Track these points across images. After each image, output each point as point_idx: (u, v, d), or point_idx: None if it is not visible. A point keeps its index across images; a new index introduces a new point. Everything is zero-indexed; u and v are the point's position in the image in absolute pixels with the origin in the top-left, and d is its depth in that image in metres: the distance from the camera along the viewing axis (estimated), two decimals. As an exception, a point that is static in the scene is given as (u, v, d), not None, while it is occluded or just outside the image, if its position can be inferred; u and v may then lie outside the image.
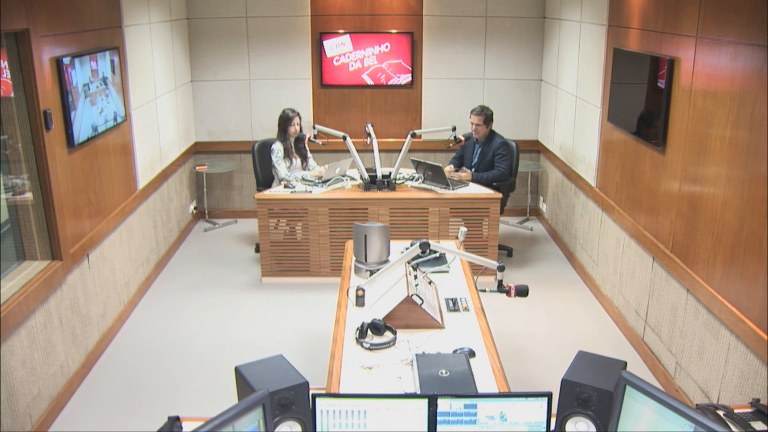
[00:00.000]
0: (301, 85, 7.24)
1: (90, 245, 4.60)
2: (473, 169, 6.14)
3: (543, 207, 7.38)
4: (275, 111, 6.87)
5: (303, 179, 5.96)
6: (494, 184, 5.99)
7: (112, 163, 5.08)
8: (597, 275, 5.60)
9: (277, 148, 6.16)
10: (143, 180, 5.72)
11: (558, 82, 6.70)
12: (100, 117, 4.78)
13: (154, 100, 6.04)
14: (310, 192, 5.71)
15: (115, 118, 5.06)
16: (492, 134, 6.20)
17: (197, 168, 7.09)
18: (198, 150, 7.37)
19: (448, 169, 6.11)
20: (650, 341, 4.56)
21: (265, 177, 6.31)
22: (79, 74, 4.43)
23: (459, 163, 6.37)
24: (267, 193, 5.72)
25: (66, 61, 4.23)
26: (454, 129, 6.05)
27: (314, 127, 6.07)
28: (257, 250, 6.41)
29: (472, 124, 6.13)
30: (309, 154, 6.39)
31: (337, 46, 7.12)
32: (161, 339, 4.94)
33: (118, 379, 4.43)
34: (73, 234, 4.36)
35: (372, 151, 5.98)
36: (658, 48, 4.42)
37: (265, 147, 6.32)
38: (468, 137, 6.21)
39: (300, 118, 6.20)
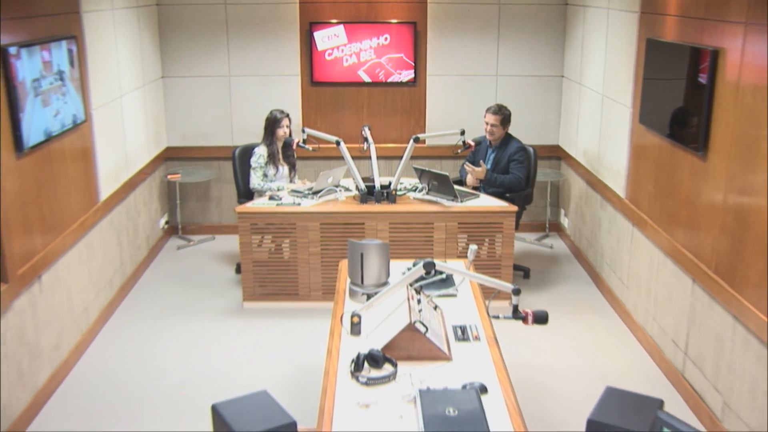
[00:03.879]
0: (288, 83, 7.24)
1: (42, 265, 4.54)
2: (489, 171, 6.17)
3: (564, 221, 7.36)
4: (259, 112, 6.83)
5: (292, 191, 5.98)
6: (507, 195, 6.01)
7: (70, 170, 5.04)
8: (627, 300, 5.56)
9: (260, 152, 6.17)
10: (106, 190, 5.70)
11: (582, 79, 6.70)
12: (55, 120, 4.71)
13: (118, 98, 6.02)
14: (299, 204, 5.71)
15: (74, 120, 5.00)
16: (508, 138, 6.22)
17: (169, 177, 7.08)
18: (170, 156, 7.36)
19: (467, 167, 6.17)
20: (692, 377, 4.51)
21: (247, 187, 6.31)
22: (27, 67, 4.35)
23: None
24: (249, 206, 5.72)
25: (12, 51, 4.16)
26: (462, 133, 6.07)
27: (303, 131, 6.06)
28: (238, 270, 6.40)
29: (487, 124, 6.15)
30: (296, 162, 6.43)
31: (330, 38, 7.11)
32: (126, 374, 4.89)
33: (72, 421, 4.36)
34: (22, 252, 4.29)
35: (369, 158, 5.97)
36: (699, 37, 4.39)
37: (247, 153, 6.33)
38: (479, 141, 6.22)
39: (290, 120, 6.23)
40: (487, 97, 7.22)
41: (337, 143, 5.75)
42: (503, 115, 6.12)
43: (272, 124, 6.15)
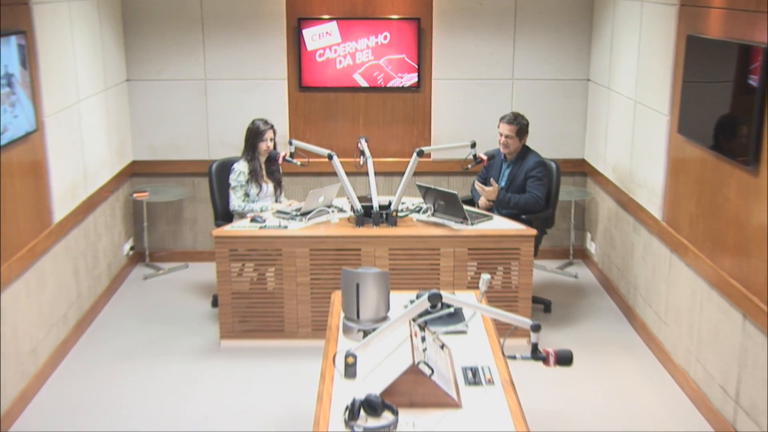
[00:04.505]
0: (273, 88, 7.25)
1: (-14, 297, 4.49)
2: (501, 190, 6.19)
3: (591, 247, 7.35)
4: (239, 121, 6.82)
5: (278, 212, 5.98)
6: (523, 216, 6.02)
7: (17, 187, 5.02)
8: (666, 338, 5.55)
9: (240, 168, 6.17)
10: (61, 211, 5.68)
11: (611, 83, 6.72)
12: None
13: (75, 104, 6.02)
14: (285, 227, 5.71)
15: (22, 129, 4.97)
16: (525, 151, 6.24)
17: (135, 195, 7.07)
18: (136, 171, 7.36)
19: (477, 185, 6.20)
20: (745, 429, 4.45)
21: (226, 208, 6.31)
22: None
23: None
24: (228, 229, 5.72)
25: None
26: (473, 146, 6.08)
27: (290, 143, 6.05)
28: (215, 304, 6.38)
29: (501, 135, 6.17)
30: (282, 179, 6.45)
31: (321, 37, 7.13)
32: (82, 424, 4.84)
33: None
34: (-37, 281, 4.24)
35: (366, 174, 5.97)
36: (749, 33, 4.39)
37: (226, 169, 6.34)
38: (492, 155, 6.23)
39: (274, 132, 6.25)
40: (501, 105, 7.23)
41: (330, 157, 5.75)
42: (519, 125, 6.13)
43: (254, 136, 6.16)
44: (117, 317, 6.35)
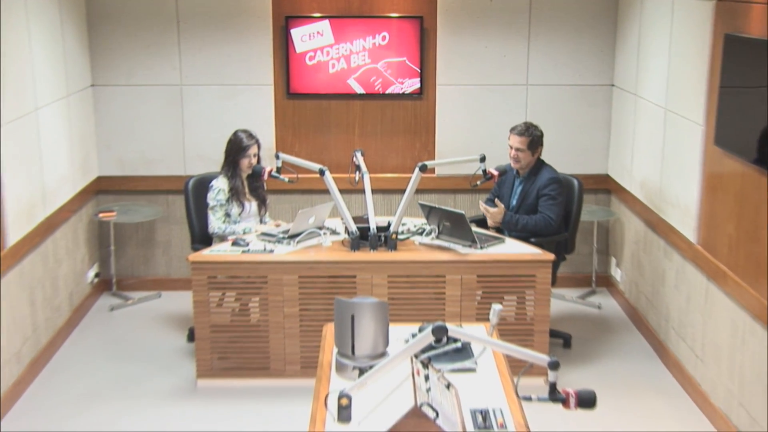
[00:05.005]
0: (257, 95, 7.28)
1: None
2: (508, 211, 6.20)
3: (617, 274, 7.36)
4: (220, 132, 6.84)
5: (262, 234, 5.99)
6: (532, 239, 6.01)
7: (-31, 206, 4.98)
8: (703, 377, 5.53)
9: (219, 185, 6.16)
10: (15, 233, 5.68)
11: (638, 88, 6.73)
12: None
13: (33, 112, 6.04)
14: (271, 252, 5.71)
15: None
16: (539, 165, 6.24)
17: (101, 215, 7.07)
18: (103, 189, 7.36)
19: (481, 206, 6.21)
20: (790, 479, 4.40)
21: (205, 230, 6.31)
22: None
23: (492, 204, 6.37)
24: (206, 254, 5.73)
25: None
26: (483, 159, 6.07)
27: (277, 157, 6.05)
28: (191, 338, 6.37)
29: (512, 148, 6.17)
30: (267, 197, 6.46)
31: (312, 37, 7.15)
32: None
33: None
34: None
35: (362, 191, 5.98)
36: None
37: (204, 186, 6.34)
38: (504, 170, 6.24)
39: (259, 146, 6.24)
40: (514, 113, 7.24)
41: (321, 173, 5.76)
42: (531, 136, 6.12)
43: (236, 150, 6.16)
44: (79, 354, 6.32)
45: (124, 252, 7.46)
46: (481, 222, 6.33)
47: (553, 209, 6.06)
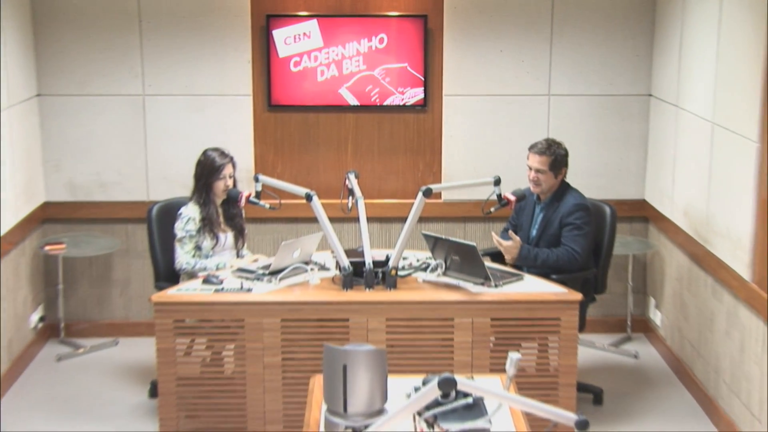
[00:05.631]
0: (234, 106, 7.30)
1: None
2: (529, 245, 6.19)
3: (656, 317, 7.36)
4: (189, 150, 6.84)
5: (239, 270, 5.98)
6: (554, 276, 5.99)
7: None
8: None
9: (189, 213, 6.16)
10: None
11: (680, 99, 6.75)
12: None
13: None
14: (249, 291, 5.68)
15: None
16: (563, 190, 6.23)
17: (48, 248, 7.06)
18: (50, 217, 7.36)
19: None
20: None
21: (171, 266, 6.30)
22: None
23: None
24: (173, 293, 5.71)
25: None
26: (497, 183, 6.03)
27: (257, 179, 6.06)
28: (153, 393, 6.35)
29: (531, 169, 6.16)
30: (245, 227, 6.45)
31: (297, 40, 7.19)
32: None
33: None
34: None
35: (356, 220, 5.97)
36: None
37: (171, 213, 6.33)
38: (522, 195, 6.20)
39: (234, 166, 6.25)
40: (534, 129, 7.26)
41: (308, 198, 5.75)
42: (554, 155, 6.11)
43: (208, 172, 6.16)
44: (20, 411, 6.28)
45: (75, 291, 7.45)
46: (496, 255, 6.35)
47: (578, 241, 6.05)
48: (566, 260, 6.02)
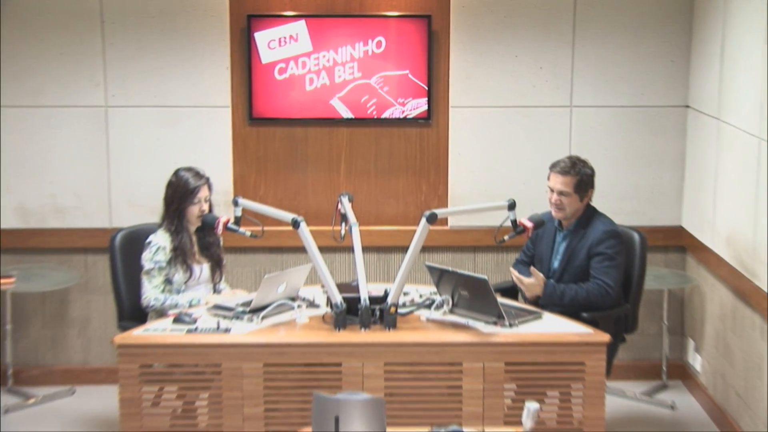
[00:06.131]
0: (210, 120, 7.33)
1: None
2: (552, 279, 6.17)
3: (695, 361, 7.35)
4: (159, 170, 6.87)
5: (215, 307, 5.96)
6: (585, 314, 5.97)
7: None
8: None
9: (158, 242, 6.17)
10: None
11: (722, 111, 6.76)
12: None
13: None
14: (227, 331, 5.66)
15: None
16: (589, 215, 6.24)
17: (-4, 283, 7.07)
18: (-1, 247, 7.39)
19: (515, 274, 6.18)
20: None
21: (137, 300, 6.28)
22: None
23: (528, 269, 6.38)
24: (139, 334, 5.69)
25: None
26: (512, 207, 6.02)
27: (236, 203, 6.06)
28: (116, 450, 6.30)
29: (553, 191, 6.17)
30: (224, 257, 6.45)
31: (283, 44, 7.22)
32: None
33: None
34: None
35: (351, 249, 5.96)
36: None
37: (137, 242, 6.33)
38: (540, 221, 6.19)
39: (210, 188, 6.26)
40: (554, 145, 7.28)
41: (295, 224, 5.72)
42: (579, 175, 6.11)
43: (181, 195, 6.16)
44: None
45: (26, 332, 7.44)
46: (510, 290, 6.37)
47: (610, 273, 6.03)
48: (598, 296, 6.00)
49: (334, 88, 7.23)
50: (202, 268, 6.25)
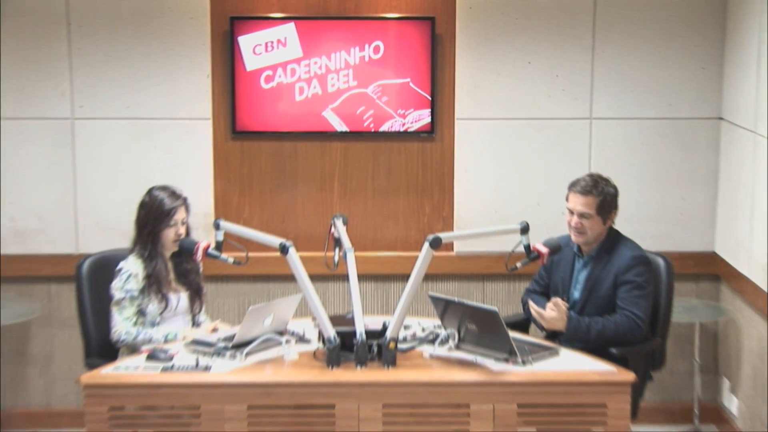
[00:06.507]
0: (189, 133, 7.35)
1: None
2: (572, 312, 6.15)
3: (731, 404, 7.35)
4: (131, 189, 6.89)
5: (194, 342, 5.96)
6: (614, 350, 5.96)
7: None
8: None
9: (130, 269, 6.16)
10: None
11: (758, 124, 6.76)
12: None
13: None
14: (208, 369, 5.66)
15: None
16: (613, 239, 6.24)
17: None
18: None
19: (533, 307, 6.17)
20: None
21: (106, 334, 6.26)
22: None
23: (544, 300, 6.37)
24: (109, 372, 5.67)
25: None
26: (525, 230, 5.99)
27: (217, 226, 6.05)
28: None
29: (572, 213, 6.17)
30: (203, 286, 6.44)
31: (270, 49, 7.24)
32: None
33: None
34: None
35: (346, 278, 5.95)
36: None
37: (107, 270, 6.32)
38: (557, 246, 6.16)
39: (188, 210, 6.26)
40: (572, 162, 7.31)
41: (283, 250, 5.71)
42: (602, 195, 6.11)
43: (155, 217, 6.15)
44: None
45: (-15, 370, 7.44)
46: (522, 323, 6.38)
47: (640, 304, 6.00)
48: (627, 329, 5.98)
49: (327, 98, 7.25)
50: (180, 298, 6.24)
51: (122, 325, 6.05)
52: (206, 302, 6.46)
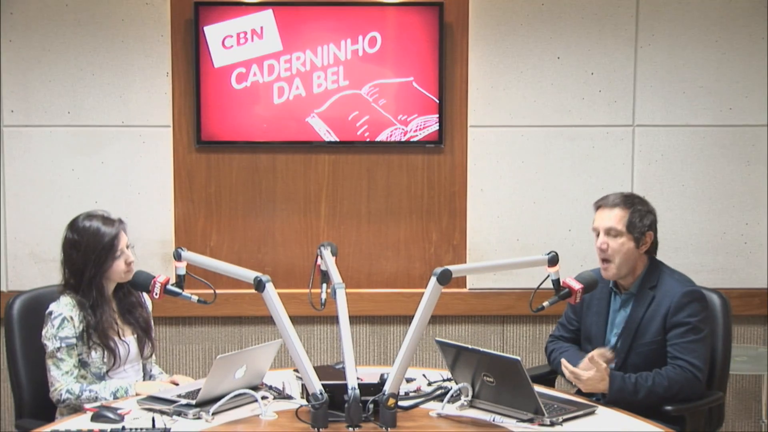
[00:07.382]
0: (144, 143, 7.40)
1: None
2: (612, 365, 6.13)
3: None
4: (71, 209, 6.80)
5: (149, 398, 5.94)
6: (668, 407, 5.93)
7: None
8: None
9: (61, 311, 6.15)
10: None
11: None
12: None
13: None
14: (166, 431, 5.60)
15: None
16: (656, 270, 6.22)
17: None
18: None
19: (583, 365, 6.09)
20: None
21: (42, 391, 6.28)
22: None
23: (575, 349, 6.42)
24: None
25: None
26: (553, 261, 5.97)
27: (178, 257, 6.06)
28: None
29: (598, 232, 6.14)
30: (152, 322, 6.44)
31: (243, 41, 7.30)
32: None
33: None
34: None
35: (335, 320, 5.91)
36: None
37: (38, 312, 6.32)
38: (593, 283, 6.10)
39: (125, 232, 6.22)
40: (610, 177, 7.36)
41: (259, 286, 5.69)
42: (632, 208, 6.09)
43: (97, 255, 6.13)
44: None
45: None
46: (547, 376, 6.41)
47: (697, 351, 5.97)
48: (683, 383, 5.92)
49: (312, 100, 7.30)
50: (128, 343, 6.22)
51: (62, 380, 6.03)
52: (157, 346, 6.47)
